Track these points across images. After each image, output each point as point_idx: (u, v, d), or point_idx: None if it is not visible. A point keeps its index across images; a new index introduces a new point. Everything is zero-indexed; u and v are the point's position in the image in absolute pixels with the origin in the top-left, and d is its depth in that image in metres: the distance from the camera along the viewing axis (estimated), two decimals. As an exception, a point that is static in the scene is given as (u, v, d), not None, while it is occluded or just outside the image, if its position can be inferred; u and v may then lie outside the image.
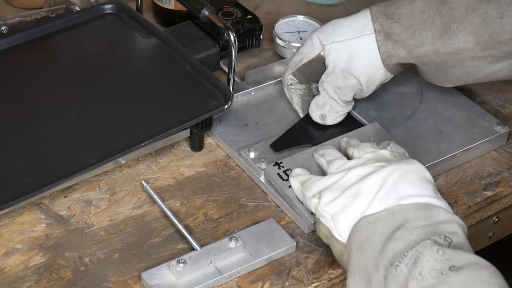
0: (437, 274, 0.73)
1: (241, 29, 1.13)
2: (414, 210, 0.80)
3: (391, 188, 0.81)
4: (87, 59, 1.06)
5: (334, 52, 1.00)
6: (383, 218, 0.80)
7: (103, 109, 0.99)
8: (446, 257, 0.74)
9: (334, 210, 0.83)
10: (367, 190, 0.82)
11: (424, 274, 0.73)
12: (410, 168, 0.83)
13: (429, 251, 0.75)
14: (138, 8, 1.13)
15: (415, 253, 0.75)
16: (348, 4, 1.31)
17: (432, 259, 0.74)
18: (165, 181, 0.98)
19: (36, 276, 0.87)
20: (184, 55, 1.05)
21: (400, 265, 0.75)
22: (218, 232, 0.93)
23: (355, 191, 0.82)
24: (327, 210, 0.83)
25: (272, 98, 1.10)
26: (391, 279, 0.75)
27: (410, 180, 0.82)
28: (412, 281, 0.73)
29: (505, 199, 1.02)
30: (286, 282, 0.88)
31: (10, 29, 1.13)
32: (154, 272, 0.86)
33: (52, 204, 0.94)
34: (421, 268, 0.74)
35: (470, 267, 0.73)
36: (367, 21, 1.00)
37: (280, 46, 1.16)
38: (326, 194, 0.84)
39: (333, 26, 1.02)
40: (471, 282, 0.72)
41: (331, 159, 0.90)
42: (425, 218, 0.79)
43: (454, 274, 0.72)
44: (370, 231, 0.79)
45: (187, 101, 1.00)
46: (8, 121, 0.97)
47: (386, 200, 0.81)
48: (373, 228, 0.79)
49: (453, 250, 0.75)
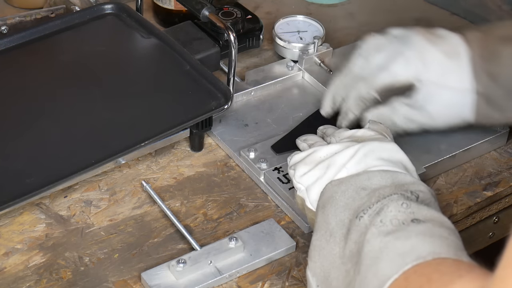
0: (398, 223, 0.74)
1: (241, 29, 1.13)
2: (378, 173, 0.81)
3: (360, 159, 0.82)
4: (87, 59, 1.06)
5: (430, 94, 0.96)
6: (346, 180, 0.81)
7: (103, 109, 0.99)
8: (410, 210, 0.75)
9: (308, 182, 0.85)
10: (338, 161, 0.83)
11: (385, 221, 0.74)
12: (382, 146, 0.84)
13: (393, 204, 0.76)
14: (138, 8, 1.13)
15: (379, 206, 0.76)
16: (348, 4, 1.31)
17: (395, 210, 0.75)
18: (165, 181, 0.98)
19: (36, 276, 0.87)
20: (184, 55, 1.05)
21: (364, 216, 0.76)
22: (218, 232, 0.93)
23: (328, 164, 0.84)
24: (302, 181, 0.85)
25: (272, 98, 1.10)
26: (353, 229, 0.76)
27: (380, 155, 0.83)
28: (372, 227, 0.74)
29: (505, 199, 1.02)
30: (286, 282, 0.88)
31: (10, 29, 1.13)
32: (154, 272, 0.86)
33: (52, 204, 0.94)
34: (383, 217, 0.75)
35: (431, 222, 0.74)
36: (469, 73, 0.95)
37: (280, 46, 1.16)
38: (301, 167, 0.86)
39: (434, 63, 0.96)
40: (428, 234, 0.72)
41: (312, 142, 0.92)
42: (390, 180, 0.80)
43: (414, 225, 0.73)
44: (333, 191, 0.81)
45: (187, 101, 1.00)
46: (8, 121, 0.97)
47: (353, 168, 0.82)
48: (336, 188, 0.81)
49: (418, 205, 0.76)
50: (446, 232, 0.73)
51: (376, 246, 0.73)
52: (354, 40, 1.22)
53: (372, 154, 0.83)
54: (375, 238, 0.73)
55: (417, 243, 0.71)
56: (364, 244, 0.74)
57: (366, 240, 0.74)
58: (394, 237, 0.73)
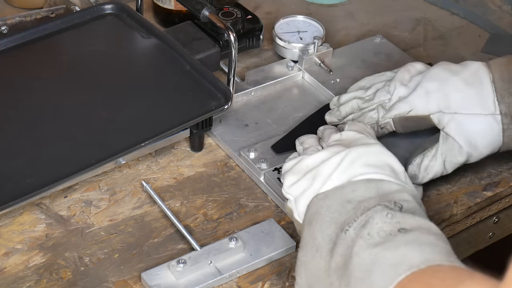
0: (385, 234, 0.74)
1: (241, 29, 1.13)
2: (362, 183, 0.80)
3: (346, 168, 0.82)
4: (87, 59, 1.06)
5: (455, 125, 0.94)
6: (331, 193, 0.81)
7: (103, 109, 0.99)
8: (395, 220, 0.75)
9: (296, 193, 0.84)
10: (323, 171, 0.83)
11: (372, 234, 0.74)
12: (368, 150, 0.83)
13: (378, 215, 0.76)
14: (138, 8, 1.13)
15: (364, 218, 0.76)
16: (348, 4, 1.31)
17: (381, 222, 0.75)
18: (165, 181, 0.98)
19: (36, 276, 0.87)
20: (184, 55, 1.05)
21: (349, 229, 0.76)
22: (218, 232, 0.93)
23: (314, 174, 0.83)
24: (290, 192, 0.85)
25: (272, 98, 1.10)
26: (339, 242, 0.76)
27: (366, 161, 0.82)
28: (360, 240, 0.74)
29: (505, 199, 1.02)
30: (286, 282, 0.88)
31: (10, 29, 1.13)
32: (154, 272, 0.86)
33: (52, 204, 0.94)
34: (369, 230, 0.74)
35: (418, 230, 0.74)
36: (492, 97, 0.94)
37: (280, 46, 1.16)
38: (289, 177, 0.86)
39: (456, 93, 0.95)
40: (416, 242, 0.72)
41: (307, 146, 0.91)
42: (374, 190, 0.79)
43: (402, 235, 0.73)
44: (318, 206, 0.81)
45: (187, 101, 1.00)
46: (8, 121, 0.97)
47: (338, 179, 0.82)
48: (321, 203, 0.81)
49: (403, 214, 0.76)
50: (434, 238, 0.73)
51: (366, 258, 0.72)
52: (354, 40, 1.22)
53: (358, 161, 0.82)
54: (363, 250, 0.73)
55: (407, 252, 0.71)
56: (352, 257, 0.73)
57: (354, 253, 0.73)
58: (383, 247, 0.72)
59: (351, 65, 1.15)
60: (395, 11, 1.30)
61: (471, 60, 0.98)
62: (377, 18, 1.28)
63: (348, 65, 1.15)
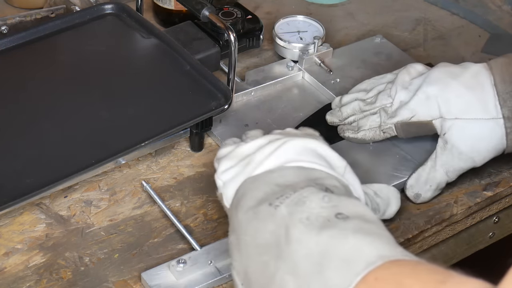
0: (324, 220, 0.70)
1: (241, 29, 1.13)
2: (293, 170, 0.78)
3: (279, 155, 0.79)
4: (87, 59, 1.06)
5: (457, 130, 0.94)
6: (260, 177, 0.78)
7: (103, 109, 0.99)
8: (332, 204, 0.72)
9: (227, 178, 0.82)
10: (257, 158, 0.80)
11: (312, 219, 0.71)
12: (305, 142, 0.81)
13: (315, 197, 0.73)
14: (138, 8, 1.13)
15: (298, 196, 0.73)
16: (348, 4, 1.31)
17: (318, 206, 0.72)
18: (165, 181, 0.98)
19: (36, 276, 0.87)
20: (184, 55, 1.05)
21: (280, 205, 0.73)
22: (218, 232, 0.93)
23: (248, 160, 0.81)
24: (222, 177, 0.82)
25: (272, 98, 1.10)
26: (266, 218, 0.73)
27: (301, 150, 0.80)
28: (299, 224, 0.71)
29: (505, 199, 1.02)
30: (286, 282, 0.88)
31: (10, 29, 1.13)
32: (154, 272, 0.86)
33: (52, 204, 0.94)
34: (308, 213, 0.71)
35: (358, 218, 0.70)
36: (493, 101, 0.93)
37: (280, 46, 1.16)
38: (224, 162, 0.83)
39: (457, 98, 0.94)
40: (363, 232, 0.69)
41: (248, 137, 0.88)
42: (304, 177, 0.77)
43: (343, 222, 0.70)
44: (245, 188, 0.78)
45: (187, 101, 1.00)
46: (8, 121, 0.97)
47: (270, 164, 0.79)
48: (249, 185, 0.78)
49: (339, 197, 0.73)
50: (375, 227, 0.70)
51: (313, 249, 0.69)
52: (354, 40, 1.22)
53: (293, 149, 0.80)
54: (307, 237, 0.70)
55: (358, 244, 0.67)
56: (291, 242, 0.70)
57: (294, 237, 0.70)
58: (329, 236, 0.69)
59: (351, 65, 1.15)
60: (395, 11, 1.30)
61: (471, 60, 0.98)
62: (377, 18, 1.28)
63: (348, 65, 1.15)
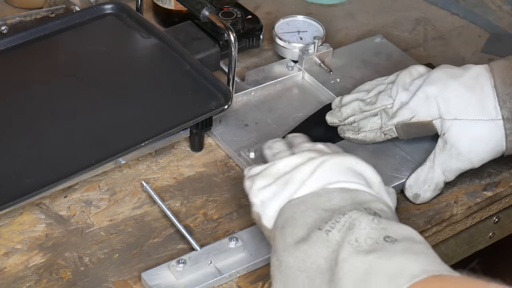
0: (372, 242, 0.72)
1: (241, 29, 1.13)
2: (338, 192, 0.79)
3: (320, 175, 0.80)
4: (87, 59, 1.06)
5: (455, 131, 0.93)
6: (306, 199, 0.79)
7: (103, 109, 0.99)
8: (381, 226, 0.73)
9: (264, 197, 0.82)
10: (297, 177, 0.81)
11: (360, 241, 0.72)
12: (343, 160, 0.82)
13: (364, 219, 0.74)
14: (138, 8, 1.13)
15: (348, 220, 0.74)
16: (348, 4, 1.31)
17: (368, 227, 0.73)
18: (165, 181, 0.98)
19: (36, 276, 0.87)
20: (184, 55, 1.05)
21: (332, 230, 0.74)
22: (218, 232, 0.93)
23: (287, 179, 0.82)
24: (259, 196, 0.83)
25: (272, 98, 1.10)
26: (319, 242, 0.74)
27: (341, 169, 0.81)
28: (347, 246, 0.72)
29: (505, 199, 1.02)
30: (286, 282, 0.88)
31: (10, 29, 1.13)
32: (154, 272, 0.86)
33: (52, 204, 0.94)
34: (357, 235, 0.73)
35: (406, 239, 0.72)
36: (493, 102, 0.92)
37: (280, 46, 1.16)
38: (258, 180, 0.84)
39: (456, 98, 0.94)
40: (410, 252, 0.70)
41: (276, 151, 0.89)
42: (350, 200, 0.78)
43: (391, 244, 0.71)
44: (292, 211, 0.79)
45: (187, 101, 1.00)
46: (8, 121, 0.97)
47: (313, 186, 0.80)
48: (295, 208, 0.79)
49: (388, 220, 0.75)
50: (423, 247, 0.72)
51: (359, 267, 0.70)
52: (354, 40, 1.22)
53: (333, 169, 0.81)
54: (354, 258, 0.71)
55: (403, 262, 0.69)
56: (340, 263, 0.71)
57: (342, 258, 0.72)
58: (376, 256, 0.70)
59: (351, 65, 1.15)
60: (395, 11, 1.30)
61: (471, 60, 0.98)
62: (377, 18, 1.28)
63: (348, 65, 1.15)
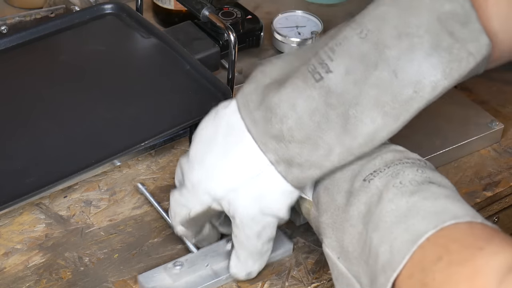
0: (418, 184, 0.74)
1: (241, 29, 1.13)
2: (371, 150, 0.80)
3: None
4: (87, 59, 1.06)
5: (236, 202, 0.81)
6: None
7: (103, 109, 0.99)
8: (425, 175, 0.75)
9: None
10: None
11: (405, 183, 0.74)
12: None
13: (409, 169, 0.76)
14: (138, 8, 1.13)
15: (393, 170, 0.76)
16: (348, 4, 1.31)
17: (412, 174, 0.75)
18: (165, 181, 0.98)
19: (35, 276, 0.87)
20: (184, 55, 1.05)
21: (374, 178, 0.76)
22: (218, 232, 0.93)
23: None
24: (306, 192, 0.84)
25: (271, 97, 1.10)
26: (361, 190, 0.76)
27: None
28: (393, 188, 0.74)
29: (505, 199, 1.02)
30: (286, 282, 0.88)
31: (10, 29, 1.13)
32: (150, 274, 0.86)
33: (52, 204, 0.94)
34: (401, 179, 0.75)
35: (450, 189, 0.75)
36: (255, 152, 0.80)
37: (278, 41, 1.16)
38: None
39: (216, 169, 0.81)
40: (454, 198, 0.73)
41: None
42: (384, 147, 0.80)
43: (437, 187, 0.74)
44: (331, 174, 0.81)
45: (187, 101, 1.00)
46: (8, 121, 0.97)
47: None
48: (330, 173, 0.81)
49: (432, 171, 0.77)
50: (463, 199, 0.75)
51: (403, 206, 0.72)
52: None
53: None
54: (399, 198, 0.73)
55: (448, 204, 0.72)
56: (381, 203, 0.73)
57: (386, 199, 0.73)
58: (421, 197, 0.72)
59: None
60: (395, 11, 1.30)
61: None
62: (377, 18, 1.28)
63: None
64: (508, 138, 1.06)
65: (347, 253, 0.76)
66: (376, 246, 0.72)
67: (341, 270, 0.77)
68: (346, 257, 0.77)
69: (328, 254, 0.79)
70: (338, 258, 0.78)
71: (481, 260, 0.66)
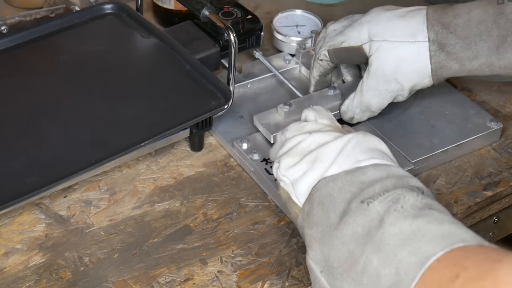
0: (419, 209, 0.74)
1: (241, 29, 1.13)
2: (372, 168, 0.80)
3: (349, 153, 0.82)
4: (87, 59, 1.06)
5: (383, 52, 0.98)
6: (341, 177, 0.80)
7: (103, 109, 0.99)
8: (426, 201, 0.75)
9: (294, 176, 0.83)
10: (326, 156, 0.82)
11: (406, 207, 0.74)
12: (367, 139, 0.84)
13: (409, 194, 0.76)
14: (138, 8, 1.13)
15: (393, 195, 0.76)
16: (348, 4, 1.31)
17: (413, 199, 0.75)
18: (165, 181, 0.98)
19: (35, 276, 0.87)
20: (184, 55, 1.05)
21: (373, 202, 0.76)
22: (218, 232, 0.93)
23: (314, 157, 0.83)
24: (287, 175, 0.84)
25: (268, 91, 1.10)
26: (358, 212, 0.76)
27: (367, 147, 0.83)
28: (394, 213, 0.74)
29: (505, 199, 1.02)
30: (286, 282, 0.88)
31: (10, 29, 1.13)
32: (264, 114, 1.01)
33: (52, 204, 0.94)
34: (403, 203, 0.75)
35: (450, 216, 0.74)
36: (422, 26, 0.96)
37: (278, 40, 1.16)
38: (285, 159, 0.85)
39: (387, 23, 0.98)
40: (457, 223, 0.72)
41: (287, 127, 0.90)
42: (385, 171, 0.80)
43: (438, 213, 0.74)
44: (329, 188, 0.80)
45: (187, 101, 1.00)
46: (8, 121, 0.97)
47: (344, 164, 0.81)
48: (332, 185, 0.80)
49: (432, 199, 0.77)
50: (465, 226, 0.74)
51: (406, 228, 0.72)
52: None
53: (359, 147, 0.82)
54: (401, 221, 0.73)
55: (453, 228, 0.71)
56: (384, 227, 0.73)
57: (388, 222, 0.73)
58: (425, 220, 0.72)
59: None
60: (395, 11, 1.30)
61: None
62: (377, 18, 1.28)
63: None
64: (508, 138, 1.06)
65: (332, 268, 0.76)
66: (377, 268, 0.72)
67: (323, 284, 0.78)
68: (329, 271, 0.77)
69: (311, 267, 0.79)
70: (321, 271, 0.78)
71: (502, 271, 0.64)
